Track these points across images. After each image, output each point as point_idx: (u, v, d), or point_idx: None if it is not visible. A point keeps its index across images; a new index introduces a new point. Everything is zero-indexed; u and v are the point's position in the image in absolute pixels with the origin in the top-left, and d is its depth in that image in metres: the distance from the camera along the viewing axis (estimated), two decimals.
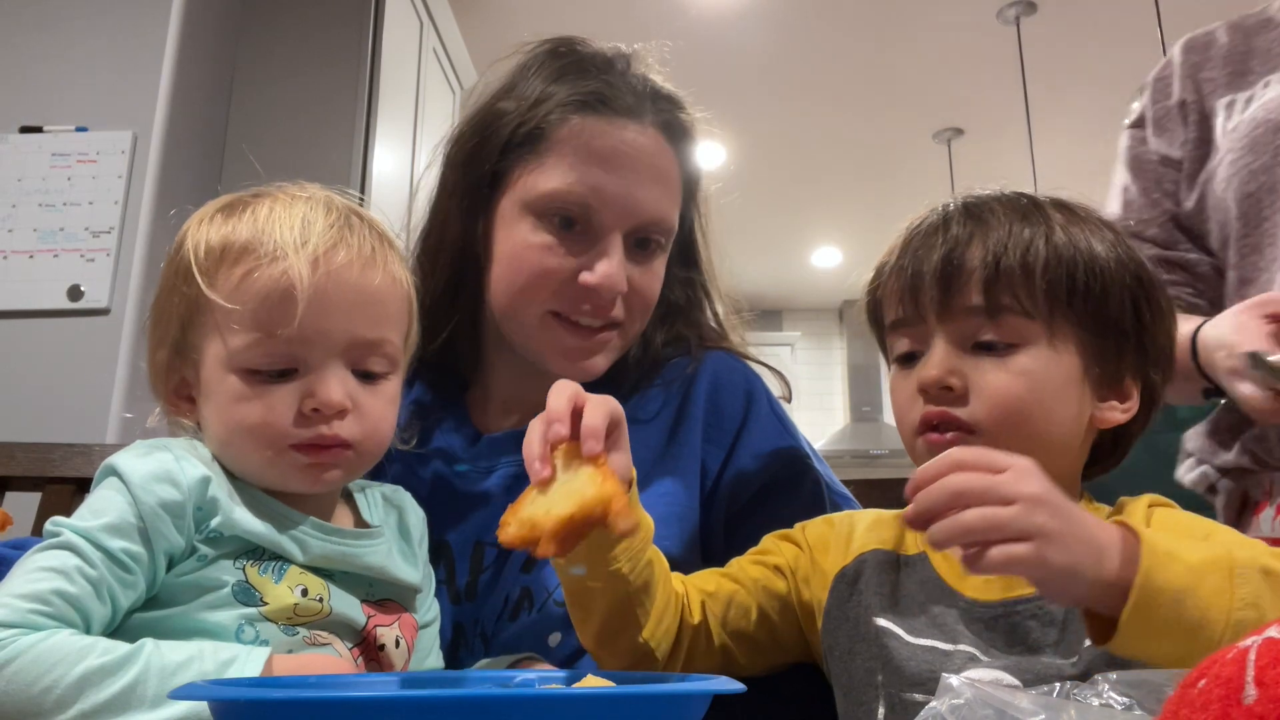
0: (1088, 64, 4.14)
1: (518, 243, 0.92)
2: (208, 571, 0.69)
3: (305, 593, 0.71)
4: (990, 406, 0.73)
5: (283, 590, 0.70)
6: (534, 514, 0.64)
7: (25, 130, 2.27)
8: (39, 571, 0.65)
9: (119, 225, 2.20)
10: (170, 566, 0.69)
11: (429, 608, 0.86)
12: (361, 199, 0.84)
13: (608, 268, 0.90)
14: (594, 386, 0.99)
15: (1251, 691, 0.31)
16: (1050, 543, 0.57)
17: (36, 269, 2.17)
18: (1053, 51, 4.00)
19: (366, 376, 0.76)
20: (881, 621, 0.75)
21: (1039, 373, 0.74)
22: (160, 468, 0.69)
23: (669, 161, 0.96)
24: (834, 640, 0.79)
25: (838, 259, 6.49)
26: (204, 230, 0.75)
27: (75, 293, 2.15)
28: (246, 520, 0.71)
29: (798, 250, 6.36)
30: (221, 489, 0.71)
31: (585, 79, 0.94)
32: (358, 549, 0.76)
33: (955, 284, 0.75)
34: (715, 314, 1.08)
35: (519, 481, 0.96)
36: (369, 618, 0.75)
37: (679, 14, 3.69)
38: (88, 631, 0.65)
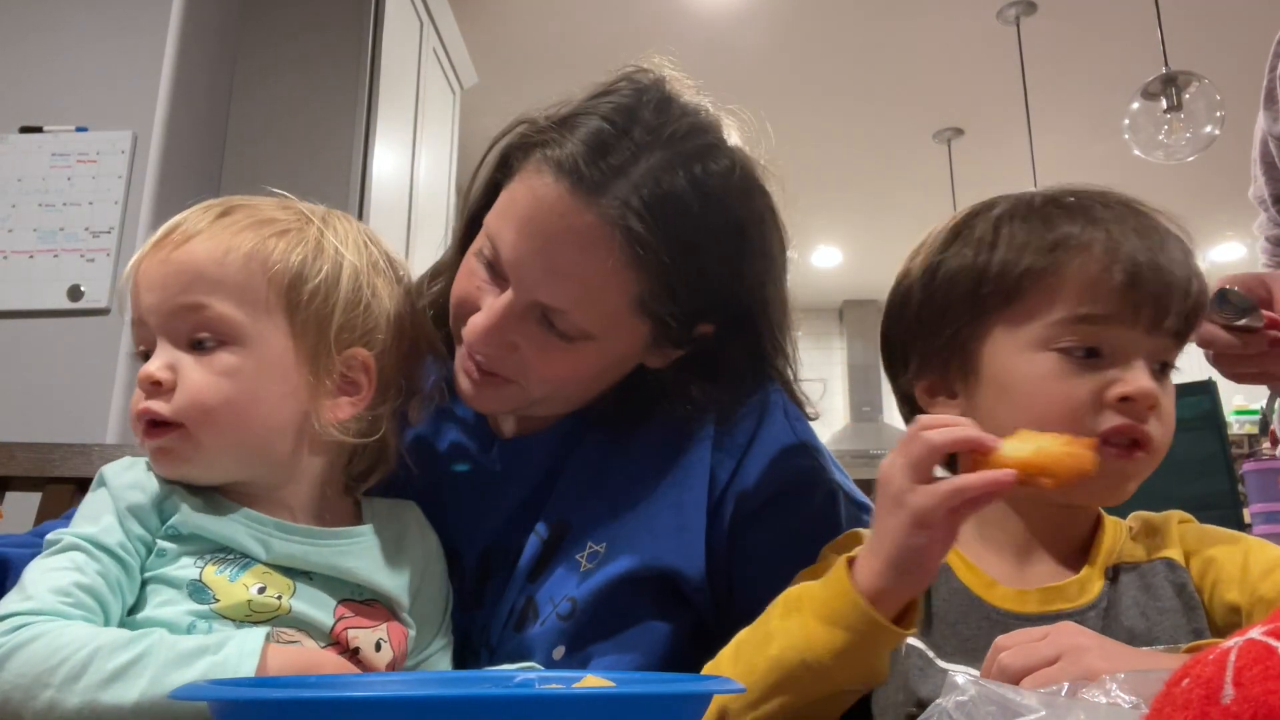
0: (1088, 64, 4.14)
1: (467, 258, 0.90)
2: (168, 569, 0.72)
3: (263, 590, 0.72)
4: (1165, 429, 0.75)
5: (237, 588, 0.71)
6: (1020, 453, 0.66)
7: (25, 130, 2.27)
8: (53, 571, 0.69)
9: (119, 225, 2.20)
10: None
11: (437, 640, 0.86)
12: (324, 209, 0.84)
13: (480, 320, 0.85)
14: (601, 403, 0.98)
15: (1230, 691, 0.31)
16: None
17: (36, 269, 2.17)
18: (1053, 51, 4.00)
19: (199, 348, 0.75)
20: (912, 642, 0.74)
21: (1174, 393, 0.77)
22: (133, 478, 0.75)
23: (598, 260, 0.81)
24: None
25: (838, 259, 6.49)
26: None
27: (75, 293, 2.16)
28: (202, 519, 0.74)
29: (798, 250, 6.34)
30: (182, 492, 0.75)
31: (582, 134, 0.83)
32: (322, 548, 0.77)
33: (1177, 302, 0.75)
34: (783, 362, 1.01)
35: (529, 488, 0.96)
36: (340, 619, 0.75)
37: (679, 14, 3.69)
38: (107, 620, 0.69)
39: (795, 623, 0.69)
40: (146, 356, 0.75)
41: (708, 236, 0.84)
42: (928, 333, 0.81)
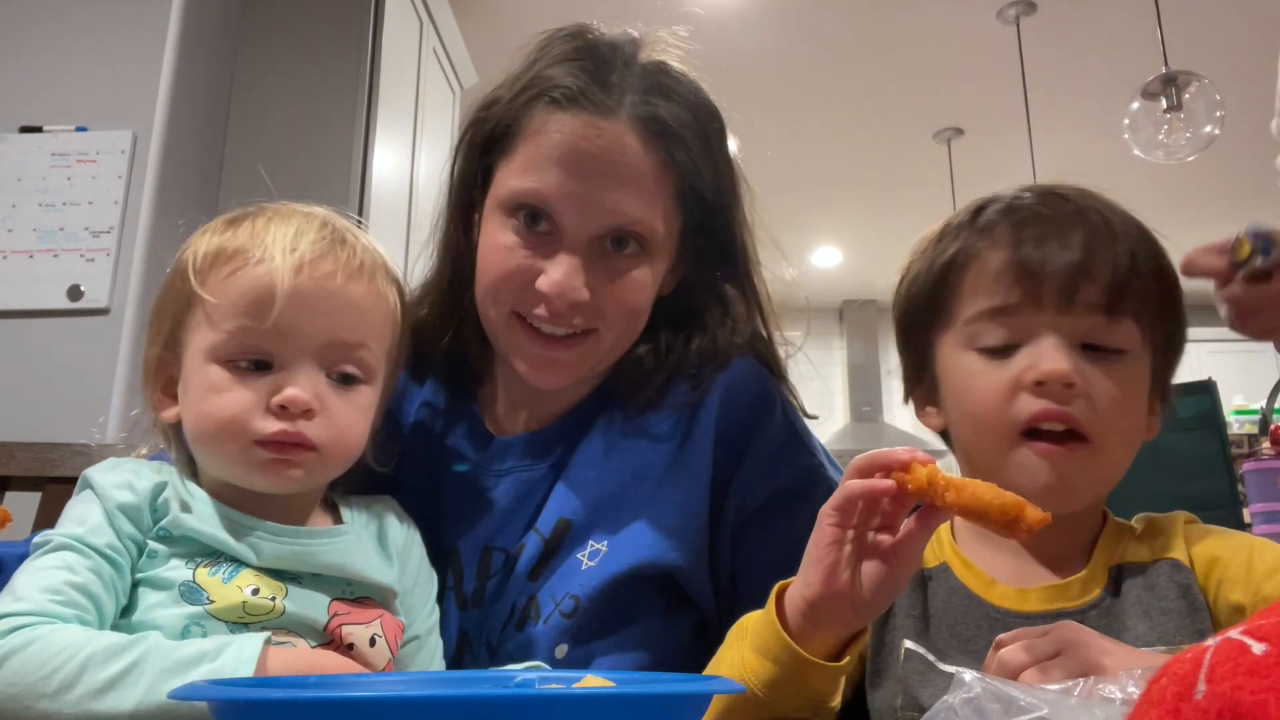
0: (1088, 64, 4.14)
1: (489, 242, 0.91)
2: (159, 571, 0.72)
3: (256, 592, 0.72)
4: (1103, 413, 0.72)
5: (231, 589, 0.72)
6: (950, 477, 0.62)
7: (25, 130, 2.27)
8: (44, 570, 0.69)
9: (119, 225, 2.19)
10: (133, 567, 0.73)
11: (422, 619, 0.86)
12: (360, 221, 0.86)
13: (558, 274, 0.87)
14: (597, 400, 0.99)
15: (1202, 688, 0.32)
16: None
17: (36, 269, 2.17)
18: (1053, 51, 4.00)
19: (343, 381, 0.78)
20: (912, 646, 0.74)
21: (1135, 383, 0.75)
22: (121, 477, 0.75)
23: (642, 159, 0.89)
24: (872, 666, 0.77)
25: (838, 259, 6.50)
26: (205, 238, 0.80)
27: (75, 293, 2.15)
28: (193, 521, 0.74)
29: (798, 250, 6.36)
30: (173, 494, 0.75)
31: (570, 71, 0.90)
32: (313, 547, 0.77)
33: (1086, 278, 0.73)
34: (761, 312, 1.03)
35: (529, 487, 0.96)
36: (334, 616, 0.75)
37: (679, 15, 3.68)
38: (101, 619, 0.69)
39: (736, 652, 0.70)
40: (256, 366, 0.75)
41: (702, 120, 0.95)
42: (904, 348, 0.85)
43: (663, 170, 0.90)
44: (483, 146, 0.93)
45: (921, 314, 0.82)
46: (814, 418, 1.03)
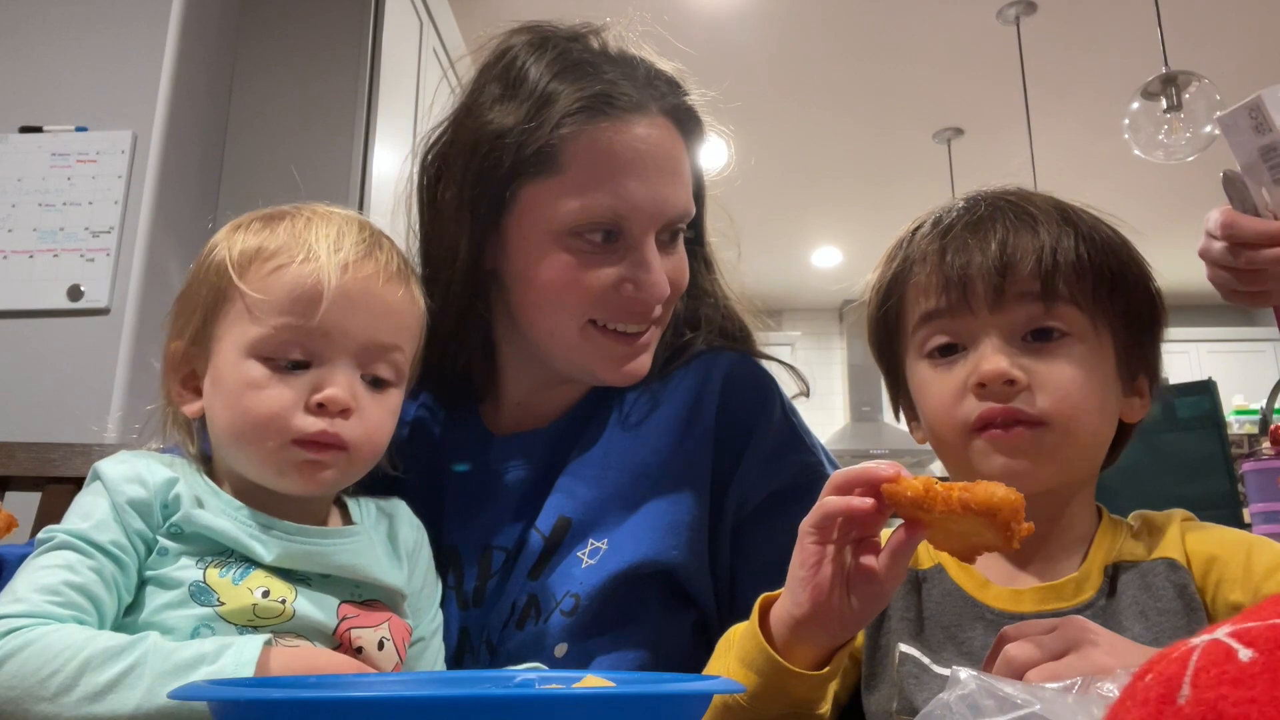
0: (1088, 64, 4.14)
1: (554, 267, 0.89)
2: (168, 570, 0.71)
3: (267, 594, 0.72)
4: (1057, 397, 0.72)
5: (241, 591, 0.71)
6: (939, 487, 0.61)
7: (25, 130, 2.27)
8: (43, 570, 0.68)
9: (119, 225, 2.19)
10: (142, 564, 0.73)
11: (428, 621, 0.85)
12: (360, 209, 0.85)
13: (653, 277, 0.90)
14: (595, 398, 0.99)
15: (1186, 691, 0.31)
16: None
17: (36, 269, 2.17)
18: (1053, 51, 4.00)
19: (374, 383, 0.78)
20: (906, 649, 0.74)
21: (1092, 363, 0.74)
22: (132, 471, 0.74)
23: (680, 149, 0.94)
24: (868, 670, 0.77)
25: (838, 259, 6.49)
26: (240, 235, 0.79)
27: (75, 293, 2.15)
28: (205, 517, 0.73)
29: (798, 250, 6.36)
30: (186, 489, 0.74)
31: (582, 78, 0.89)
32: (325, 547, 0.77)
33: (1011, 273, 0.74)
34: (723, 295, 1.06)
35: (529, 485, 0.95)
36: (343, 620, 0.75)
37: (679, 15, 3.69)
38: (102, 619, 0.68)
39: (723, 664, 0.71)
40: (296, 365, 0.75)
41: (684, 96, 0.98)
42: (879, 363, 0.88)
43: (688, 153, 0.96)
44: (509, 172, 0.89)
45: (881, 331, 0.84)
46: (806, 395, 1.05)
